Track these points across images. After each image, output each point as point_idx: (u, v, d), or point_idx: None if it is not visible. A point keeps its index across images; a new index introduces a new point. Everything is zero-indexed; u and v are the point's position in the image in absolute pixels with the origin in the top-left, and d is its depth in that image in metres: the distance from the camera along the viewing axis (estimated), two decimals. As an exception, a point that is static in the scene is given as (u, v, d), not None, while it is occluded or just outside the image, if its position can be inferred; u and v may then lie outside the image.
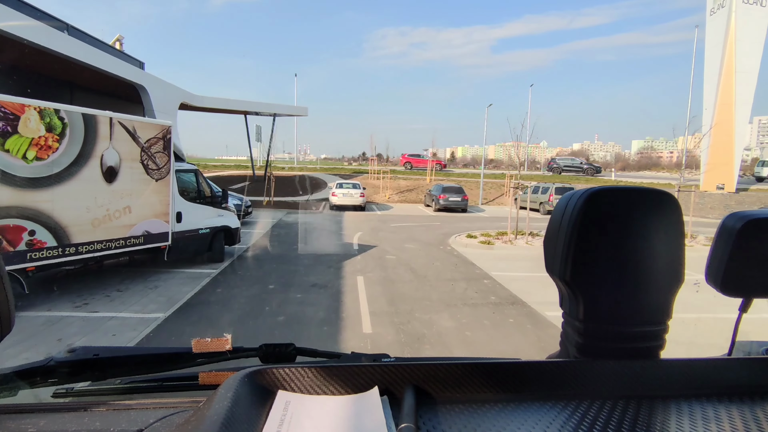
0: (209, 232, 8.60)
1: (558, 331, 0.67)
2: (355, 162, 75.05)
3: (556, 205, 0.65)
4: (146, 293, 6.70)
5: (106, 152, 6.34)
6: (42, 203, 5.55)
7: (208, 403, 0.50)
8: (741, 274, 0.64)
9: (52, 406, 0.64)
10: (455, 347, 5.09)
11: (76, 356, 0.78)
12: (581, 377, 0.57)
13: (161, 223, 7.36)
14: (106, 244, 6.45)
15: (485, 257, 10.47)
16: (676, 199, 0.60)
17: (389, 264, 9.37)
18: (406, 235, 13.69)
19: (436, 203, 21.12)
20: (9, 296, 0.54)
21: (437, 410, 0.53)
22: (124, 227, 6.70)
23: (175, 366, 0.81)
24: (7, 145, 5.13)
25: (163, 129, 7.29)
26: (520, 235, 12.97)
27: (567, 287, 0.61)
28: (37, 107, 5.42)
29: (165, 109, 17.16)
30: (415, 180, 30.33)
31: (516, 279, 8.32)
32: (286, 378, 0.55)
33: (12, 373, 0.73)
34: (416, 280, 8.14)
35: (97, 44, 15.87)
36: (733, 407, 0.55)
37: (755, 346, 0.81)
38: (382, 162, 66.66)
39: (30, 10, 12.31)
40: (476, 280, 8.33)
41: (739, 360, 0.64)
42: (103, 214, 6.34)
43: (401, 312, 6.23)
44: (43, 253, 5.61)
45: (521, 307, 6.72)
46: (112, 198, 6.46)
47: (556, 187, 21.56)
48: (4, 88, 5.54)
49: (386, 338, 5.26)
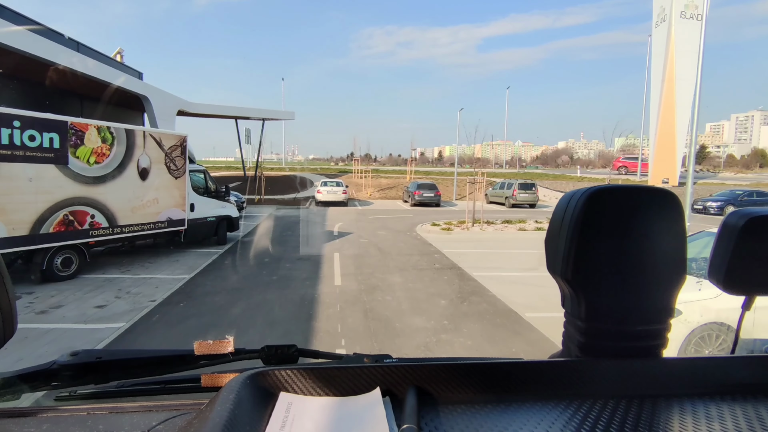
0: (215, 220, 10.71)
1: (476, 285, 1.83)
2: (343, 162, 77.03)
3: (557, 204, 0.65)
4: (171, 264, 8.80)
5: (141, 157, 8.42)
6: (99, 195, 7.62)
7: (210, 405, 0.50)
8: (743, 272, 0.64)
9: (55, 410, 0.64)
10: (400, 295, 7.28)
11: (78, 359, 0.77)
12: (583, 377, 0.57)
13: (179, 212, 9.46)
14: (141, 226, 8.54)
15: (442, 240, 12.74)
16: (677, 197, 0.60)
17: (362, 245, 11.57)
18: (380, 224, 15.92)
19: (412, 199, 23.40)
20: (12, 301, 0.55)
21: (439, 411, 0.53)
22: (153, 213, 8.79)
23: (178, 368, 0.81)
24: (77, 153, 7.19)
25: (181, 138, 9.38)
26: (476, 223, 15.30)
27: (568, 286, 0.61)
28: (95, 125, 7.50)
29: (165, 116, 19.09)
30: (395, 179, 32.62)
31: (460, 254, 10.57)
32: (288, 380, 0.55)
33: (14, 377, 0.72)
34: (380, 255, 10.35)
35: (103, 59, 17.70)
36: (737, 406, 0.54)
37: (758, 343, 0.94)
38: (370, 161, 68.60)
39: (45, 32, 14.09)
40: (429, 254, 10.57)
41: (743, 358, 0.62)
42: (139, 203, 8.43)
43: (364, 273, 8.42)
44: (99, 231, 7.69)
45: (456, 270, 8.97)
46: (145, 191, 8.54)
47: (519, 183, 23.99)
48: (27, 101, 7.39)
49: (351, 287, 7.44)
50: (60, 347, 4.73)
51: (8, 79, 13.46)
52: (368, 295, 7.02)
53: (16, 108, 6.49)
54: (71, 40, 16.06)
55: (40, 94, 14.98)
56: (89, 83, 15.30)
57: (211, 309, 6.20)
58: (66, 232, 7.14)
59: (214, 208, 10.75)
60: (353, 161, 41.28)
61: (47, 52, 12.27)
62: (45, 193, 6.78)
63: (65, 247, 7.21)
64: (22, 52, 11.20)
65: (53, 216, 6.92)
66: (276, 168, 41.10)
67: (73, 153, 7.14)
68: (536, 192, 23.99)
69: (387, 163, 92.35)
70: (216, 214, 10.76)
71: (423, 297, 6.99)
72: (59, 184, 6.98)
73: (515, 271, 9.01)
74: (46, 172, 6.77)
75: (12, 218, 6.36)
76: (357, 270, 8.69)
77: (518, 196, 23.37)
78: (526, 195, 23.46)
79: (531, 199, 23.56)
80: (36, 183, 6.62)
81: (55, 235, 6.97)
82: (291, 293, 6.97)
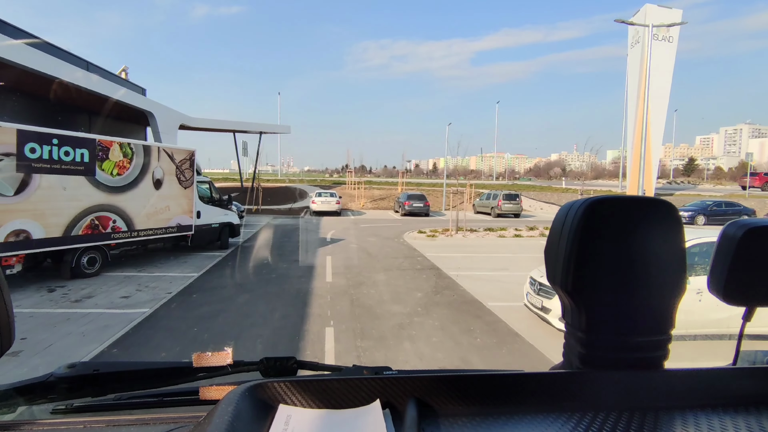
0: (218, 226, 11.79)
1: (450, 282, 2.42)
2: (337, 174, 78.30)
3: (556, 215, 0.66)
4: (180, 265, 9.85)
5: (155, 169, 9.52)
6: (120, 202, 8.70)
7: (208, 418, 0.50)
8: (743, 283, 0.64)
9: (51, 423, 0.64)
10: (383, 289, 8.36)
11: (75, 372, 0.76)
12: (584, 388, 0.57)
13: (188, 218, 10.54)
14: (155, 231, 9.60)
15: (426, 245, 13.88)
16: (676, 208, 0.60)
17: (352, 249, 12.68)
18: (371, 232, 17.04)
19: (402, 209, 24.58)
20: (10, 313, 0.55)
21: (439, 423, 0.52)
22: (165, 219, 9.86)
23: (176, 380, 0.81)
24: (103, 166, 8.29)
25: (190, 153, 10.51)
26: (459, 231, 16.46)
27: (569, 297, 0.61)
28: (118, 142, 8.62)
29: (168, 130, 20.23)
30: (387, 190, 33.88)
31: (441, 257, 11.70)
32: (287, 392, 0.55)
33: (11, 390, 0.71)
34: (368, 257, 11.46)
35: (111, 77, 18.87)
36: (739, 418, 0.54)
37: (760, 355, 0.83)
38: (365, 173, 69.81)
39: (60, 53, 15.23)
40: (412, 257, 11.69)
41: (744, 369, 0.62)
42: (153, 210, 9.51)
43: (352, 273, 9.52)
44: (120, 234, 8.75)
45: (436, 270, 10.08)
46: (158, 200, 9.63)
47: (504, 194, 25.27)
48: (42, 117, 8.39)
49: (340, 283, 8.52)
50: (98, 326, 5.78)
51: (30, 97, 14.60)
52: (355, 289, 8.11)
53: (35, 123, 7.58)
54: (81, 59, 17.23)
55: (54, 110, 16.10)
56: (99, 100, 16.42)
57: (220, 299, 7.27)
58: (92, 235, 8.20)
59: (217, 215, 11.84)
60: (347, 173, 42.53)
61: (67, 74, 13.44)
62: (75, 200, 7.86)
63: (91, 248, 8.27)
64: (43, 74, 12.35)
65: (82, 220, 7.98)
66: (272, 179, 42.27)
67: (99, 166, 8.23)
68: (520, 202, 25.25)
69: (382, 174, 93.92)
70: (219, 221, 11.84)
71: (402, 291, 8.09)
72: (87, 192, 8.06)
73: (488, 271, 10.14)
74: (77, 183, 7.85)
75: (49, 221, 7.42)
76: (346, 270, 9.78)
77: (503, 206, 24.62)
78: (510, 205, 24.71)
79: (515, 209, 24.81)
80: (69, 192, 7.70)
81: (83, 237, 8.03)
82: (288, 287, 8.04)
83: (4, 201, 6.76)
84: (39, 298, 6.98)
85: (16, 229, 6.92)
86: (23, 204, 7.02)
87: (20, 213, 6.98)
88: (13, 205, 6.88)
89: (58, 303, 6.79)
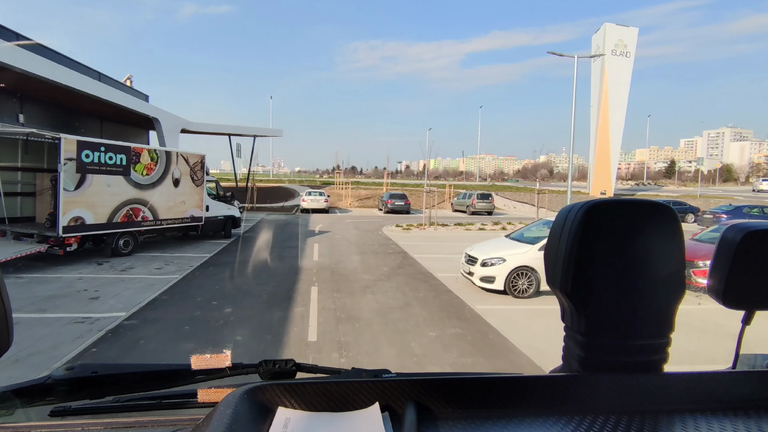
0: (223, 218, 13.98)
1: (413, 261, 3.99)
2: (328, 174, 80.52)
3: (556, 217, 0.66)
4: (194, 248, 12.03)
5: (174, 170, 11.70)
6: (147, 197, 10.87)
7: (206, 420, 0.50)
8: (742, 287, 0.64)
9: (49, 426, 0.64)
10: (357, 266, 10.63)
11: (74, 374, 0.76)
12: (583, 392, 0.57)
13: (199, 211, 12.72)
14: (173, 221, 11.78)
15: (400, 236, 16.21)
16: (675, 211, 0.61)
17: (336, 239, 14.96)
18: (354, 226, 19.33)
19: (385, 207, 26.91)
20: (8, 313, 0.55)
21: (438, 426, 0.53)
22: (181, 212, 12.03)
23: (174, 383, 0.81)
24: (136, 168, 10.46)
25: (201, 157, 12.70)
26: (432, 225, 18.83)
27: (568, 300, 0.61)
28: (147, 149, 10.79)
29: (171, 134, 22.28)
30: (373, 190, 36.20)
31: (411, 245, 14.02)
32: (286, 395, 0.55)
33: (9, 392, 0.71)
34: (349, 245, 13.74)
35: (120, 86, 20.85)
36: (739, 422, 0.54)
37: (759, 359, 0.82)
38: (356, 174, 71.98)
39: (77, 65, 17.16)
40: (386, 245, 14.01)
41: (744, 373, 0.63)
42: (173, 204, 11.67)
43: (335, 255, 11.79)
44: (147, 223, 10.92)
45: (403, 254, 12.39)
46: (176, 196, 11.79)
47: (477, 193, 27.77)
48: (62, 123, 10.47)
49: (324, 261, 10.79)
50: (146, 284, 7.96)
51: (51, 105, 16.60)
52: (336, 265, 10.39)
53: (56, 129, 9.74)
54: (93, 70, 19.18)
55: (70, 116, 18.09)
56: (110, 107, 18.40)
57: (231, 270, 9.49)
58: (128, 222, 10.35)
59: (222, 209, 14.03)
60: (336, 174, 44.71)
61: (85, 86, 15.48)
62: (116, 195, 10.01)
63: (126, 233, 10.42)
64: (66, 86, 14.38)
65: (121, 210, 10.14)
66: (264, 180, 44.32)
67: (133, 167, 10.39)
68: (492, 201, 27.75)
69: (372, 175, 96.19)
70: (224, 214, 14.03)
71: (372, 266, 10.38)
72: (124, 189, 10.22)
73: (445, 254, 12.47)
74: (117, 181, 10.01)
75: (98, 211, 9.57)
76: (330, 253, 12.06)
77: (477, 204, 27.09)
78: (483, 204, 27.19)
79: (488, 208, 27.29)
80: (111, 188, 9.86)
81: (121, 224, 10.18)
82: (283, 264, 10.29)
83: (68, 194, 8.91)
84: (94, 268, 9.14)
85: (75, 215, 9.08)
86: (80, 197, 9.17)
87: (78, 204, 9.14)
88: (73, 198, 9.04)
89: (109, 271, 8.96)
